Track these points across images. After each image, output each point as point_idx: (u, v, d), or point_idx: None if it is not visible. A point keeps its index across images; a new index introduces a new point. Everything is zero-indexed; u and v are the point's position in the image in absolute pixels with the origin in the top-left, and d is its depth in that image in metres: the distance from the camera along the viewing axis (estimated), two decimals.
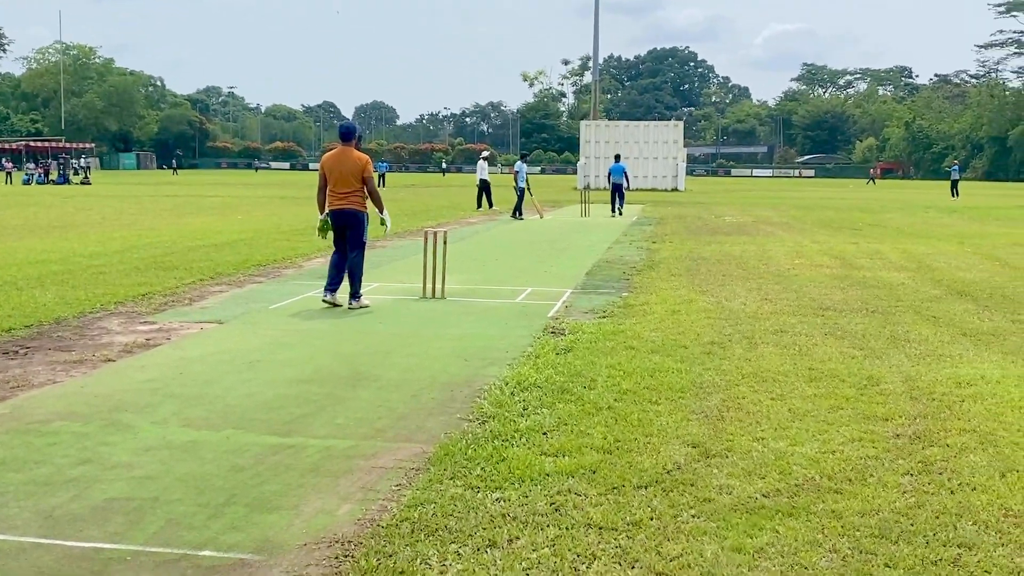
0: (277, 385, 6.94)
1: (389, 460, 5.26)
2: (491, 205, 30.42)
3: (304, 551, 4.05)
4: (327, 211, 10.41)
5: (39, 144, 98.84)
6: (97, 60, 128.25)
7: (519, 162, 28.90)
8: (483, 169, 31.47)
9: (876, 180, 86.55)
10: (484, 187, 30.56)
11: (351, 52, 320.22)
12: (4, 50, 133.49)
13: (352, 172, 10.23)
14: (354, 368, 7.49)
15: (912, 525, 4.34)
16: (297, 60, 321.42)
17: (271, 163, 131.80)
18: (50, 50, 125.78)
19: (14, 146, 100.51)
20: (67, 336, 8.71)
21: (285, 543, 4.12)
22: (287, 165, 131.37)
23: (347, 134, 10.41)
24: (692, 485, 4.81)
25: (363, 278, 10.61)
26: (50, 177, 58.64)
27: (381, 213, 10.66)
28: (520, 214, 27.05)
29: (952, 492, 4.77)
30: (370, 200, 10.45)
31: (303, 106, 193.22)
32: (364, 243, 10.54)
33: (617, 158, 31.73)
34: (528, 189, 27.47)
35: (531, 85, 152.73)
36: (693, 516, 4.42)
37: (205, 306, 10.60)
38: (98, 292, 11.17)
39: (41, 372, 7.28)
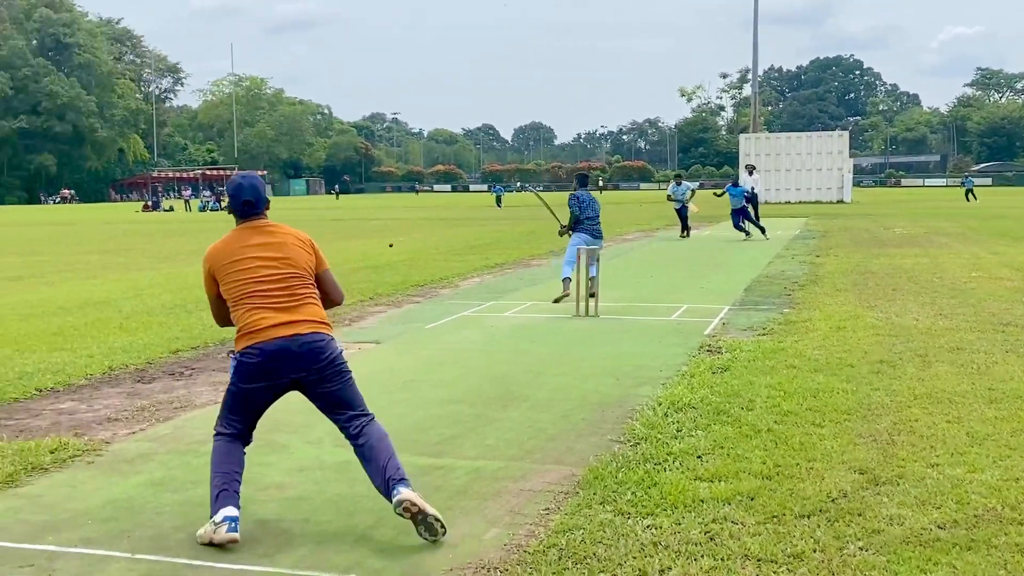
0: (429, 405, 6.92)
1: (538, 483, 5.12)
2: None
3: None
4: (258, 346, 4.68)
5: (214, 173, 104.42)
6: (268, 91, 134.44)
7: (672, 184, 27.70)
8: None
9: None
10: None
11: (509, 75, 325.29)
12: (182, 83, 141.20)
13: (296, 262, 4.70)
14: (505, 388, 7.41)
15: None
16: (457, 85, 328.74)
17: (433, 186, 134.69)
18: (224, 82, 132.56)
19: (191, 175, 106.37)
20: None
21: (431, 568, 4.03)
22: (448, 188, 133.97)
23: (249, 205, 4.72)
24: (859, 515, 4.49)
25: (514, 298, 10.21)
26: (223, 204, 61.46)
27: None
28: (687, 232, 26.01)
29: None
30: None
31: (463, 129, 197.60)
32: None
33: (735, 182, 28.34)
34: (690, 202, 26.19)
35: (688, 100, 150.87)
36: (861, 549, 4.11)
37: (363, 327, 10.75)
38: None
39: (204, 393, 7.48)
